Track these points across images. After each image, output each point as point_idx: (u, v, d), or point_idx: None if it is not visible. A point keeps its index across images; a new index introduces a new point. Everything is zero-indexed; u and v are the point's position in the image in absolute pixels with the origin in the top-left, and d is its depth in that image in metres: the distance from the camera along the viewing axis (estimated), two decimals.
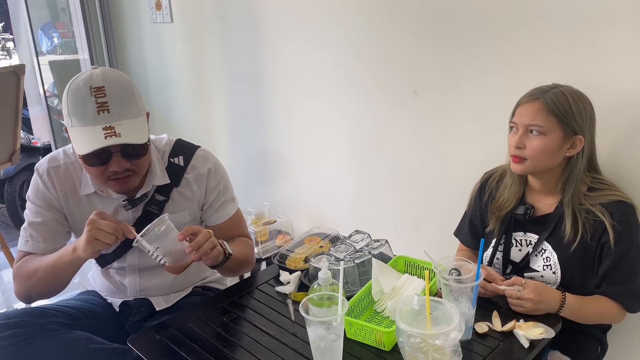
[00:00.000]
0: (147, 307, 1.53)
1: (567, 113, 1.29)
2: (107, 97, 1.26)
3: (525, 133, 1.32)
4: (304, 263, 1.54)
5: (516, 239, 1.46)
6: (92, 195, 1.45)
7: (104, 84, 1.26)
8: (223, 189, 1.56)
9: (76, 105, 1.27)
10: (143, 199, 1.46)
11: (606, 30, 1.38)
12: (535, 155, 1.31)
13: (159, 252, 1.25)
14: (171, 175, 1.49)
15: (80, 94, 1.26)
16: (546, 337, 1.16)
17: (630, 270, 1.32)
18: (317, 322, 1.04)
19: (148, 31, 3.07)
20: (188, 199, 1.51)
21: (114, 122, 1.26)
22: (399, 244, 1.80)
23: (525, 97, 1.34)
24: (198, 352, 1.19)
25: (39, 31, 4.01)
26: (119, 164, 1.30)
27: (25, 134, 4.05)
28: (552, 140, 1.30)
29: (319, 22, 2.12)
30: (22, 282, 1.40)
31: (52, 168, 1.44)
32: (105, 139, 1.24)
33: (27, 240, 1.43)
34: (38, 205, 1.43)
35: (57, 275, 1.36)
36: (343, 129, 2.19)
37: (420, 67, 1.83)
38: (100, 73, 1.29)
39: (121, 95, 1.28)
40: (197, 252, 1.26)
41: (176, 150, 1.52)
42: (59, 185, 1.43)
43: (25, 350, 1.28)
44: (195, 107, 2.96)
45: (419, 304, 1.05)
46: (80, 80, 1.28)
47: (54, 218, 1.44)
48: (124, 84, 1.31)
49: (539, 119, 1.29)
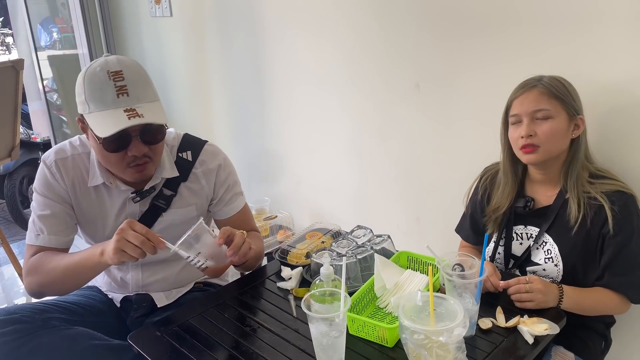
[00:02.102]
0: (148, 302, 1.52)
1: (565, 94, 1.31)
2: (126, 81, 1.27)
3: (532, 121, 1.32)
4: (305, 259, 1.53)
5: (517, 232, 1.46)
6: (101, 187, 1.45)
7: (121, 68, 1.28)
8: (232, 182, 1.57)
9: (94, 90, 1.27)
10: (151, 191, 1.45)
11: (608, 25, 1.37)
12: (547, 140, 1.31)
13: (200, 258, 1.25)
14: (179, 169, 1.49)
15: (98, 78, 1.27)
16: (551, 332, 1.15)
17: (633, 261, 1.32)
18: (320, 318, 1.03)
19: (147, 25, 3.05)
20: (196, 194, 1.51)
21: (134, 105, 1.27)
22: (401, 239, 1.79)
23: (519, 89, 1.36)
24: (199, 349, 1.18)
25: (38, 26, 4.00)
26: (138, 148, 1.31)
27: (25, 129, 4.05)
28: (560, 121, 1.31)
29: (320, 15, 2.11)
30: (38, 279, 1.38)
31: (60, 160, 1.43)
32: (129, 119, 1.24)
33: (38, 234, 1.41)
34: (47, 197, 1.42)
35: (79, 275, 1.36)
36: (344, 124, 2.17)
37: (422, 60, 1.82)
38: (114, 59, 1.31)
39: (138, 79, 1.31)
40: (237, 254, 1.27)
41: (184, 145, 1.52)
42: (67, 177, 1.42)
43: (26, 346, 1.27)
44: (195, 101, 2.95)
45: (423, 300, 1.04)
46: (96, 66, 1.29)
47: (63, 210, 1.43)
48: (139, 69, 1.34)
49: (542, 103, 1.30)
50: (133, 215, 1.46)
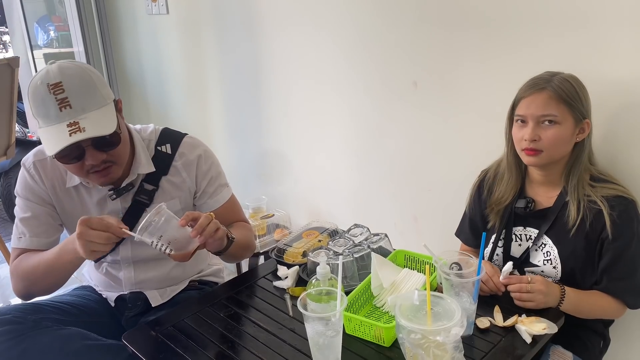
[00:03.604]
0: (142, 301, 1.51)
1: (575, 98, 1.28)
2: (67, 92, 1.21)
3: (538, 124, 1.29)
4: (302, 257, 1.52)
5: (516, 233, 1.45)
6: (79, 187, 1.43)
7: (60, 79, 1.22)
8: (215, 174, 1.54)
9: (38, 105, 1.23)
10: (129, 188, 1.43)
11: (608, 19, 1.36)
12: (551, 146, 1.29)
13: (162, 241, 1.20)
14: (159, 163, 1.47)
15: (39, 93, 1.22)
16: (549, 332, 1.14)
17: (631, 266, 1.31)
18: (316, 318, 1.02)
19: (143, 23, 3.03)
20: (178, 187, 1.49)
21: (78, 117, 1.22)
22: (398, 238, 1.78)
23: (528, 88, 1.32)
24: (194, 349, 1.17)
25: (35, 24, 3.97)
26: (94, 157, 1.27)
27: (21, 127, 4.02)
28: (566, 127, 1.28)
29: (317, 14, 2.09)
30: (21, 281, 1.38)
31: (38, 161, 1.41)
32: (70, 135, 1.20)
33: (20, 237, 1.41)
34: (28, 199, 1.41)
35: (57, 272, 1.34)
36: (341, 122, 2.16)
37: (419, 58, 1.81)
38: (56, 68, 1.24)
39: (81, 88, 1.24)
40: (202, 234, 1.22)
41: (163, 139, 1.50)
42: (46, 178, 1.41)
43: (19, 347, 1.26)
44: (192, 99, 2.93)
45: (420, 299, 1.03)
46: (37, 79, 1.23)
47: (45, 211, 1.42)
48: (83, 75, 1.25)
49: (551, 108, 1.27)
50: (115, 212, 1.44)
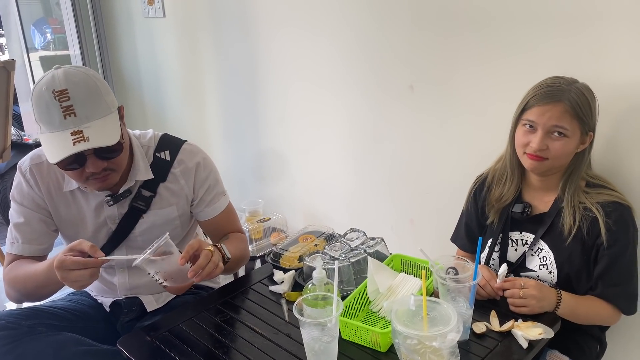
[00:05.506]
0: (137, 306, 1.50)
1: (587, 114, 1.28)
2: (72, 100, 1.20)
3: (547, 134, 1.29)
4: (298, 262, 1.51)
5: (512, 238, 1.45)
6: (76, 192, 1.43)
7: (66, 86, 1.21)
8: (213, 182, 1.53)
9: (41, 111, 1.23)
10: (126, 194, 1.43)
11: (607, 22, 1.36)
12: (556, 157, 1.30)
13: (159, 276, 1.22)
14: (157, 170, 1.46)
15: (44, 99, 1.21)
16: (545, 337, 1.14)
17: (626, 272, 1.32)
18: (312, 323, 1.02)
19: (140, 26, 3.03)
20: (176, 194, 1.49)
21: (82, 126, 1.21)
22: (394, 241, 1.78)
23: (544, 96, 1.28)
24: (189, 354, 1.16)
25: (32, 27, 3.96)
26: (95, 165, 1.26)
27: (17, 130, 4.00)
28: (573, 141, 1.29)
29: (314, 17, 2.09)
30: (12, 289, 1.38)
31: (34, 165, 1.40)
32: (74, 145, 1.19)
33: (13, 243, 1.41)
34: (22, 204, 1.41)
35: (47, 288, 1.35)
36: (338, 125, 2.16)
37: (415, 62, 1.81)
38: (62, 74, 1.23)
39: (86, 96, 1.23)
40: (200, 275, 1.22)
41: (162, 145, 1.49)
42: (42, 183, 1.40)
43: (12, 353, 1.25)
44: (188, 102, 2.93)
45: (416, 305, 1.02)
46: (42, 85, 1.22)
47: (39, 217, 1.41)
48: (89, 83, 1.25)
49: (564, 121, 1.26)
50: (112, 218, 1.44)
